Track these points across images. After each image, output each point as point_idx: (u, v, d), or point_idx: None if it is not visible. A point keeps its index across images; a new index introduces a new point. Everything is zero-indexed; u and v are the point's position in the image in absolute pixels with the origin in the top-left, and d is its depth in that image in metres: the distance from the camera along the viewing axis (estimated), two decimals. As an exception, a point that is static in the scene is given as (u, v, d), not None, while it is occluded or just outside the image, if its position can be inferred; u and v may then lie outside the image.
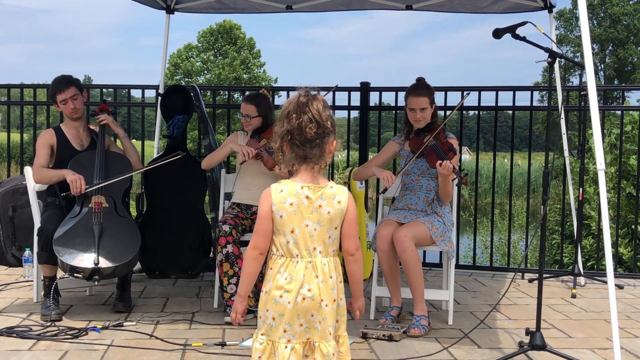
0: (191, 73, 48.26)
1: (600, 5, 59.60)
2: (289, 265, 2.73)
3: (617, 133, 9.05)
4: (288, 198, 2.73)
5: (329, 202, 2.74)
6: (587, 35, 3.76)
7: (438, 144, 4.80)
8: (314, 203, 2.73)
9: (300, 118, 2.71)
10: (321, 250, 2.74)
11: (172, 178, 6.00)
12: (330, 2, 6.74)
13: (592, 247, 8.75)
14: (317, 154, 2.75)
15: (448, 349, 4.19)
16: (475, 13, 6.65)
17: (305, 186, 2.74)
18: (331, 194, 2.75)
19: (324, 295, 2.72)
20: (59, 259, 4.57)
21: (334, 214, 2.75)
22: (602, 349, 4.26)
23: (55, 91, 5.05)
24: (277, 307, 2.72)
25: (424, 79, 5.01)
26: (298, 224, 2.73)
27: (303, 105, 2.73)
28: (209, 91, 8.51)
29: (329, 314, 2.73)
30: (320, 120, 2.73)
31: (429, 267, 6.67)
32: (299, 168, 2.78)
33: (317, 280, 2.72)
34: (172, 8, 6.84)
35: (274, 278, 2.74)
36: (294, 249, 2.73)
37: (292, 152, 2.76)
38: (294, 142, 2.74)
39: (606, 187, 3.73)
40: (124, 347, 4.13)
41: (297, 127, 2.71)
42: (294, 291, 2.70)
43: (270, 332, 2.74)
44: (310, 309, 2.71)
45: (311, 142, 2.73)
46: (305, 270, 2.72)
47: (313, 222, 2.73)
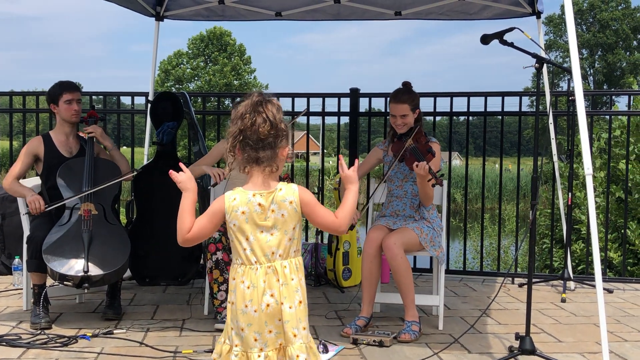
0: (182, 80, 48.27)
1: (589, 11, 59.97)
2: (248, 273, 2.72)
3: (606, 138, 9.09)
4: (240, 207, 2.73)
5: (281, 205, 2.73)
6: (574, 41, 3.79)
7: (418, 147, 4.79)
8: (267, 209, 2.73)
9: (254, 117, 2.72)
10: (281, 254, 2.73)
11: (162, 185, 5.97)
12: (319, 12, 6.76)
13: (582, 251, 8.77)
14: (269, 156, 2.74)
15: (438, 354, 4.20)
16: (464, 20, 6.68)
17: (257, 193, 2.74)
18: (282, 197, 2.74)
19: (286, 298, 2.71)
20: (49, 267, 4.56)
21: (289, 215, 2.74)
22: (592, 353, 4.27)
23: (62, 90, 5.06)
24: (244, 317, 2.70)
25: (409, 83, 4.99)
26: (252, 232, 2.72)
27: (257, 104, 2.74)
28: (199, 98, 8.51)
29: (292, 316, 2.71)
30: (274, 121, 2.73)
31: (419, 273, 6.68)
32: (251, 171, 2.77)
33: (278, 284, 2.71)
34: (161, 15, 6.85)
35: (238, 287, 2.73)
36: (251, 256, 2.72)
37: (245, 153, 2.75)
38: (247, 143, 2.73)
39: (596, 192, 3.75)
40: (114, 355, 4.12)
41: (251, 126, 2.71)
42: (257, 299, 2.70)
43: (243, 343, 2.72)
44: (276, 314, 2.70)
45: (264, 141, 2.72)
46: (265, 276, 2.71)
47: (268, 228, 2.72)
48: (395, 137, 4.97)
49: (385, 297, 5.05)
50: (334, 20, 6.96)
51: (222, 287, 4.75)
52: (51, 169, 4.98)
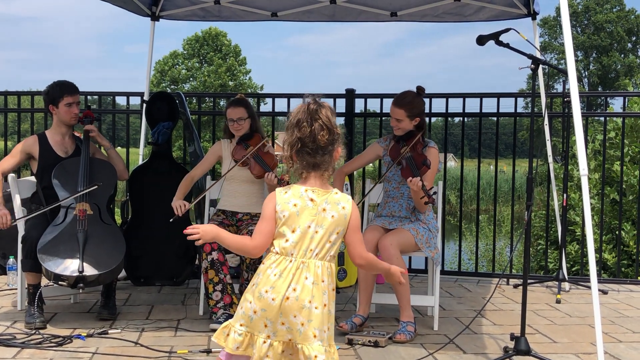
0: (177, 80, 48.22)
1: (584, 13, 60.11)
2: (281, 263, 2.75)
3: (600, 139, 9.12)
4: (292, 199, 2.76)
5: (333, 207, 2.77)
6: (569, 42, 3.80)
7: (414, 156, 4.78)
8: (319, 206, 2.76)
9: (312, 125, 2.74)
10: (317, 253, 2.75)
11: (157, 185, 5.99)
12: (315, 13, 6.77)
13: (577, 252, 8.80)
14: (327, 161, 2.80)
15: (434, 354, 4.20)
16: (460, 22, 6.69)
17: (309, 189, 2.78)
18: (336, 200, 2.79)
19: (313, 297, 2.72)
20: (43, 267, 4.55)
21: (338, 219, 2.77)
22: (587, 354, 4.28)
23: (64, 92, 5.04)
24: (260, 301, 2.72)
25: (421, 89, 4.95)
26: (300, 225, 2.75)
27: (314, 112, 2.76)
28: (195, 98, 8.51)
29: (317, 316, 2.72)
30: (331, 127, 2.78)
31: (415, 273, 6.69)
32: (308, 175, 2.80)
33: (307, 282, 2.72)
34: (157, 15, 6.85)
35: (264, 272, 2.75)
36: (290, 249, 2.74)
37: (303, 160, 2.78)
38: (305, 151, 2.76)
39: (590, 194, 3.76)
40: (109, 355, 4.11)
41: (310, 135, 2.74)
42: (280, 289, 2.71)
43: (251, 324, 2.74)
44: (293, 309, 2.71)
45: (323, 149, 2.77)
46: (296, 270, 2.73)
47: (316, 225, 2.75)
48: (395, 140, 4.97)
49: (381, 297, 5.05)
50: (329, 22, 6.96)
51: (217, 287, 4.75)
52: (46, 169, 4.97)
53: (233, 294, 4.78)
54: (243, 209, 5.12)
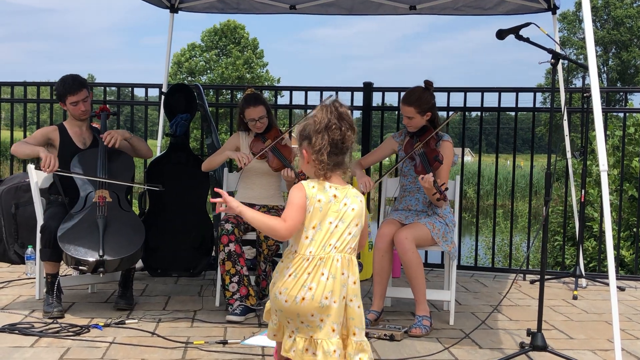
0: (194, 72, 48.29)
1: (603, 8, 59.61)
2: (297, 262, 2.79)
3: (620, 135, 9.05)
4: (318, 194, 2.82)
5: (353, 200, 2.86)
6: (590, 37, 3.76)
7: (426, 152, 4.78)
8: (340, 201, 2.84)
9: (341, 127, 2.82)
10: (336, 246, 2.80)
11: (175, 176, 6.02)
12: (333, 6, 6.75)
13: (594, 249, 8.74)
14: (348, 160, 2.90)
15: (449, 349, 4.19)
16: (478, 15, 6.66)
17: (333, 186, 2.86)
18: (354, 193, 2.89)
19: (331, 292, 2.75)
20: (64, 252, 4.58)
21: (358, 211, 2.86)
22: (603, 351, 4.26)
23: (67, 92, 5.03)
24: (276, 302, 2.80)
25: (429, 83, 4.96)
26: (321, 220, 2.81)
27: (342, 114, 2.84)
28: (212, 90, 8.53)
29: (336, 311, 2.75)
30: (355, 127, 2.88)
31: (431, 268, 6.68)
32: (332, 175, 2.88)
33: (323, 278, 2.74)
34: (176, 7, 6.85)
35: (281, 272, 2.82)
36: (309, 245, 2.79)
37: (330, 160, 2.83)
38: (334, 152, 2.83)
39: (609, 190, 3.73)
40: (126, 345, 4.13)
41: (340, 137, 2.82)
42: (293, 291, 2.75)
43: (279, 317, 2.86)
44: (310, 309, 2.73)
45: (348, 149, 2.87)
46: (313, 269, 2.76)
47: (336, 219, 2.82)
48: (409, 135, 4.98)
49: (396, 291, 5.05)
50: (347, 15, 6.95)
51: (234, 279, 4.76)
52: (65, 160, 4.99)
53: (249, 286, 4.80)
54: (260, 201, 5.12)
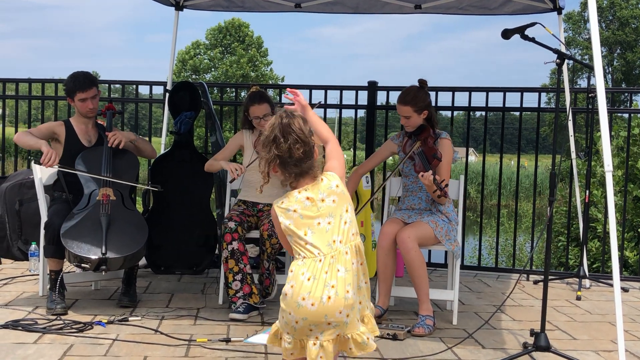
0: (198, 70, 48.34)
1: (609, 8, 59.49)
2: (311, 265, 2.78)
3: (624, 136, 9.03)
4: (290, 206, 2.82)
5: (329, 193, 2.83)
6: (596, 37, 3.76)
7: (424, 151, 4.78)
8: (317, 200, 2.81)
9: (287, 141, 2.80)
10: (341, 240, 2.80)
11: (179, 175, 6.02)
12: (338, 5, 6.74)
13: (597, 249, 8.72)
14: (310, 164, 2.86)
15: (452, 348, 4.19)
16: (484, 15, 6.64)
17: (302, 190, 2.84)
18: (327, 185, 2.85)
19: (350, 284, 2.77)
20: (67, 249, 4.59)
21: (340, 199, 2.84)
22: (607, 352, 4.25)
23: (77, 88, 5.04)
24: (300, 311, 2.75)
25: (423, 82, 4.97)
26: (309, 226, 2.80)
27: (287, 126, 2.82)
28: (216, 88, 8.52)
29: (355, 302, 2.79)
30: (305, 138, 2.83)
31: (434, 268, 6.67)
32: (298, 182, 2.87)
33: (340, 274, 2.76)
34: (181, 5, 6.85)
35: (297, 279, 2.77)
36: (313, 249, 2.79)
37: (291, 172, 2.84)
38: (287, 162, 2.82)
39: (613, 190, 3.72)
40: (129, 342, 4.14)
41: (287, 150, 2.80)
42: (317, 292, 2.73)
43: (296, 333, 2.79)
44: (337, 306, 2.74)
45: (302, 160, 2.82)
46: (328, 267, 2.76)
47: (324, 217, 2.80)
48: (407, 135, 4.98)
49: (400, 290, 5.05)
50: (353, 14, 6.94)
51: (237, 277, 4.76)
52: (70, 157, 5.00)
53: (252, 284, 4.80)
54: (264, 199, 5.12)
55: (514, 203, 7.22)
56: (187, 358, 3.90)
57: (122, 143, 5.06)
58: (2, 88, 7.47)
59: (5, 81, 7.54)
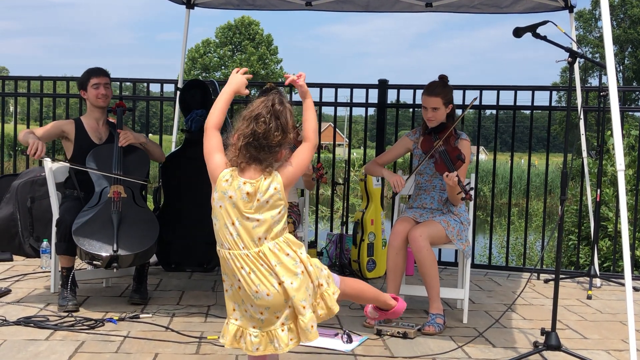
0: (208, 68, 48.42)
1: (620, 7, 59.20)
2: (237, 259, 2.81)
3: (635, 134, 9.00)
4: (229, 190, 2.80)
5: (265, 193, 2.80)
6: (609, 35, 3.75)
7: (447, 150, 4.74)
8: (254, 198, 2.79)
9: (270, 124, 2.77)
10: (267, 237, 2.80)
11: (189, 172, 6.03)
12: (349, 3, 6.73)
13: (608, 248, 8.70)
14: (269, 159, 2.82)
15: (463, 347, 4.19)
16: (495, 14, 6.62)
17: (248, 182, 2.81)
18: (266, 186, 2.81)
19: (283, 276, 2.78)
20: (78, 247, 4.60)
21: (273, 201, 2.81)
22: (618, 351, 4.24)
23: (90, 75, 5.12)
24: (259, 302, 2.81)
25: (445, 77, 4.92)
26: (238, 217, 2.80)
27: (277, 112, 2.79)
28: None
29: (297, 289, 2.80)
30: (286, 130, 2.81)
31: (445, 266, 6.66)
32: (248, 167, 2.83)
33: (273, 265, 2.79)
34: (192, 3, 6.87)
35: (241, 275, 2.82)
36: (238, 242, 2.80)
37: (247, 152, 2.80)
38: (253, 145, 2.78)
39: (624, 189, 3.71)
40: (140, 339, 4.16)
41: (264, 132, 2.77)
42: (268, 283, 2.79)
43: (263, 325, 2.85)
44: (284, 297, 2.80)
45: (271, 148, 2.79)
46: (253, 265, 2.79)
47: (254, 214, 2.79)
48: (426, 132, 4.93)
49: (410, 289, 5.04)
50: (363, 12, 6.93)
51: (248, 275, 4.77)
52: (80, 154, 5.02)
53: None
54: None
55: (524, 202, 7.20)
56: (198, 355, 3.91)
57: (131, 142, 5.09)
58: (14, 86, 7.51)
59: (17, 79, 7.58)
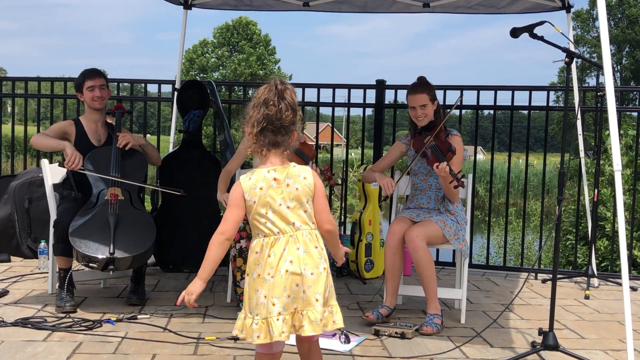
0: (206, 69, 48.38)
1: (618, 6, 59.23)
2: (271, 243, 2.85)
3: (633, 134, 9.00)
4: (257, 183, 2.86)
5: (295, 180, 2.88)
6: (605, 35, 3.75)
7: (437, 144, 4.78)
8: (282, 183, 2.87)
9: (279, 105, 2.86)
10: (299, 225, 2.87)
11: (187, 173, 6.03)
12: (346, 3, 6.74)
13: (606, 248, 8.70)
14: (286, 141, 2.91)
15: (460, 347, 4.19)
16: (492, 14, 6.63)
17: (271, 169, 2.88)
18: (296, 172, 2.90)
19: (307, 264, 2.84)
20: (75, 249, 4.60)
21: (302, 190, 2.88)
22: (615, 351, 4.25)
23: (85, 77, 5.11)
24: (266, 285, 2.83)
25: (424, 77, 5.00)
26: (271, 205, 2.85)
27: (281, 92, 2.88)
28: (224, 87, 8.53)
29: (314, 281, 2.84)
30: (295, 108, 2.90)
31: (442, 266, 6.67)
32: (268, 154, 2.91)
33: (299, 252, 2.84)
34: (189, 4, 6.86)
35: (265, 261, 2.84)
36: (273, 228, 2.85)
37: (265, 138, 2.88)
38: (269, 129, 2.87)
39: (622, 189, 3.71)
40: (138, 340, 4.15)
41: (276, 114, 2.85)
42: (277, 266, 2.82)
43: (264, 311, 2.83)
44: (294, 279, 2.82)
45: (285, 128, 2.88)
46: (286, 245, 2.84)
47: (285, 201, 2.86)
48: (417, 132, 4.96)
49: (408, 289, 5.05)
50: (360, 13, 6.94)
51: (245, 275, 4.77)
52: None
53: (261, 283, 4.80)
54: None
55: (522, 201, 7.21)
56: (196, 356, 3.91)
57: (130, 145, 5.09)
58: (12, 86, 7.50)
59: (15, 80, 7.57)
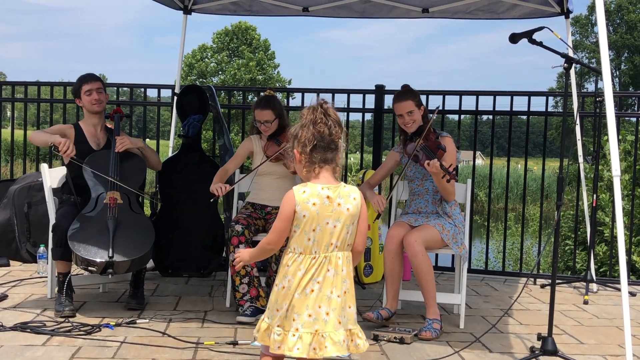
0: (205, 74, 48.39)
1: (616, 12, 59.35)
2: (305, 261, 2.87)
3: (631, 140, 9.01)
4: (311, 198, 2.87)
5: (346, 200, 2.91)
6: (604, 41, 3.76)
7: (428, 145, 4.81)
8: (334, 202, 2.89)
9: (328, 122, 2.90)
10: (337, 245, 2.89)
11: (186, 177, 6.04)
12: (345, 9, 6.76)
13: (605, 253, 8.71)
14: (337, 156, 2.95)
15: (459, 352, 4.19)
16: (492, 19, 6.64)
17: (325, 187, 2.90)
18: (347, 192, 2.92)
19: (335, 287, 2.87)
20: (74, 252, 4.60)
21: (353, 210, 2.91)
22: (614, 356, 4.25)
23: (82, 82, 5.14)
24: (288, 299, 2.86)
25: (408, 85, 5.04)
26: (320, 223, 2.87)
27: (326, 110, 2.93)
28: (224, 91, 8.54)
29: (339, 304, 2.87)
30: (341, 124, 2.95)
31: (441, 271, 6.67)
32: (321, 170, 2.93)
33: (329, 274, 2.86)
34: (189, 9, 6.88)
35: (294, 274, 2.87)
36: (313, 246, 2.87)
37: (318, 155, 2.91)
38: (319, 146, 2.90)
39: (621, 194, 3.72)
40: (137, 345, 4.15)
41: (327, 131, 2.89)
42: (305, 285, 2.85)
43: (285, 323, 2.86)
44: (318, 300, 2.84)
45: (335, 143, 2.92)
46: (319, 265, 2.86)
47: (333, 220, 2.88)
48: (407, 139, 4.99)
49: (407, 294, 5.04)
50: (360, 18, 6.96)
51: (244, 280, 4.77)
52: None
53: (259, 287, 4.81)
54: (273, 202, 5.12)
55: (521, 206, 7.22)
56: (195, 361, 3.91)
57: (127, 147, 5.10)
58: (11, 91, 7.51)
59: (15, 84, 7.58)
